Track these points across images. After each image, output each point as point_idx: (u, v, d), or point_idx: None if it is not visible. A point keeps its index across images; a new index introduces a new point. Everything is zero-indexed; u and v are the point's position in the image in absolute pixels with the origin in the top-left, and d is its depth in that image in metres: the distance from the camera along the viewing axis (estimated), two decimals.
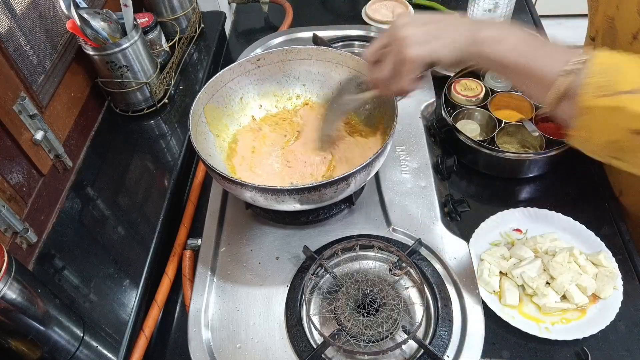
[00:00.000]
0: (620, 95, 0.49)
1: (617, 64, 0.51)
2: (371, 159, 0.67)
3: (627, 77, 0.49)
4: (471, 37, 0.57)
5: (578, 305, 0.73)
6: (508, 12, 1.22)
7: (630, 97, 0.48)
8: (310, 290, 0.69)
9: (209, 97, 0.80)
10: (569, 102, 0.52)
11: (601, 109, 0.50)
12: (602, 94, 0.49)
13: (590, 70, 0.50)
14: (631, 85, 0.49)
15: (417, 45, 0.58)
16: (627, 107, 0.48)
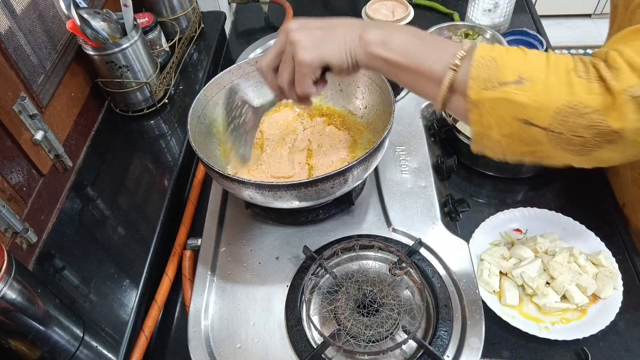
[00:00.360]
0: (505, 87, 0.49)
1: (497, 56, 0.50)
2: (368, 152, 0.67)
3: (508, 68, 0.49)
4: (357, 39, 0.57)
5: (578, 305, 0.73)
6: (508, 12, 1.22)
7: (513, 87, 0.48)
8: (310, 290, 0.69)
9: (208, 99, 0.80)
10: (459, 96, 0.52)
11: (489, 101, 0.50)
12: (487, 86, 0.49)
13: (474, 63, 0.50)
14: (513, 76, 0.49)
15: (307, 49, 0.57)
16: (511, 98, 0.48)
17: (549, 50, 1.18)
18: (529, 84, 0.48)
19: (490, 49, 0.52)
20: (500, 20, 1.23)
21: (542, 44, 1.18)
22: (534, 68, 0.49)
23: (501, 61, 0.50)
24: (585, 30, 2.99)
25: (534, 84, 0.48)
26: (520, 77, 0.49)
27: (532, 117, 0.49)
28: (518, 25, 1.26)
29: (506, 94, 0.49)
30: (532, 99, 0.48)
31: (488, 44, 0.53)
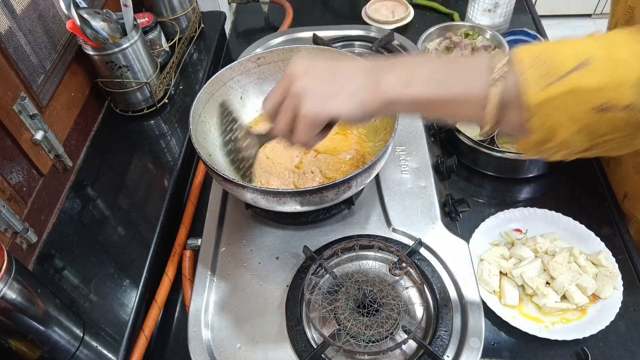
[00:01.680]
0: (569, 76, 0.42)
1: (541, 51, 0.44)
2: (373, 161, 0.67)
3: (564, 56, 0.43)
4: (374, 87, 0.50)
5: (578, 305, 0.73)
6: (508, 12, 1.22)
7: (578, 73, 0.42)
8: (310, 290, 0.69)
9: (209, 96, 0.80)
10: (512, 109, 0.45)
11: (554, 99, 0.43)
12: (548, 83, 0.43)
13: (520, 65, 0.44)
14: (573, 61, 0.42)
15: (312, 102, 0.51)
16: (581, 85, 0.42)
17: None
18: (597, 63, 0.42)
19: (530, 47, 0.45)
20: (500, 20, 1.22)
21: None
22: (592, 46, 0.43)
23: (549, 53, 0.44)
24: (585, 30, 2.99)
25: (601, 61, 0.42)
26: (582, 60, 0.42)
27: (609, 99, 0.42)
28: (518, 25, 1.26)
29: (573, 83, 0.42)
30: (605, 79, 0.42)
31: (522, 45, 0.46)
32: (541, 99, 0.43)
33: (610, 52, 0.42)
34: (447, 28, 1.23)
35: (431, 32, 1.22)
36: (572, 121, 0.43)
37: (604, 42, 0.43)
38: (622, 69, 0.42)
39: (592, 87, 0.42)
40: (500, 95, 0.45)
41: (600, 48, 0.43)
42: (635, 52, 0.42)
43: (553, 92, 0.42)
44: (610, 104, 0.42)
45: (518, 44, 1.22)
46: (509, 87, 0.44)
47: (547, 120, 0.44)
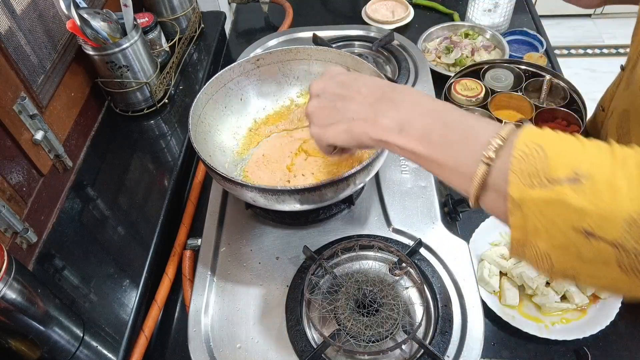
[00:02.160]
0: (556, 185, 0.37)
1: (546, 143, 0.39)
2: (371, 159, 0.67)
3: (561, 159, 0.38)
4: (371, 123, 0.49)
5: (578, 305, 0.73)
6: (508, 12, 1.22)
7: (568, 186, 0.37)
8: (310, 290, 0.69)
9: (209, 97, 0.80)
10: (496, 194, 0.41)
11: (535, 202, 0.38)
12: (534, 183, 0.38)
13: (515, 152, 0.39)
14: (567, 171, 0.37)
15: (315, 126, 0.55)
16: (566, 200, 0.36)
17: (549, 48, 1.18)
18: (589, 183, 0.36)
19: (538, 134, 0.40)
20: (500, 20, 1.23)
21: (542, 44, 1.18)
22: (595, 162, 0.37)
23: (551, 150, 0.38)
24: (585, 30, 2.99)
25: (595, 183, 0.36)
26: (576, 173, 0.37)
27: (594, 228, 0.36)
28: (518, 25, 1.27)
29: (559, 194, 0.37)
30: (594, 203, 0.36)
31: (535, 127, 0.40)
32: (522, 197, 0.38)
33: (613, 175, 0.36)
34: (447, 28, 1.23)
35: (431, 32, 1.22)
36: (553, 233, 0.38)
37: (614, 159, 0.37)
38: (617, 200, 0.36)
39: (577, 207, 0.36)
40: (484, 176, 0.41)
41: (604, 166, 0.37)
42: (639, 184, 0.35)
43: (535, 195, 0.38)
44: (595, 232, 0.36)
45: (518, 44, 1.22)
46: (497, 169, 0.41)
47: (526, 221, 0.39)
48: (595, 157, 0.38)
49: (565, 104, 0.99)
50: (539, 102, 1.01)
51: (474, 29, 1.22)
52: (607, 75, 2.65)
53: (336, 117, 0.53)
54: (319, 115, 0.55)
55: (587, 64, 2.77)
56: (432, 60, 1.17)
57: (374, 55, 1.07)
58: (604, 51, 2.85)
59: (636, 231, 0.35)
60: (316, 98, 0.56)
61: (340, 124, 0.52)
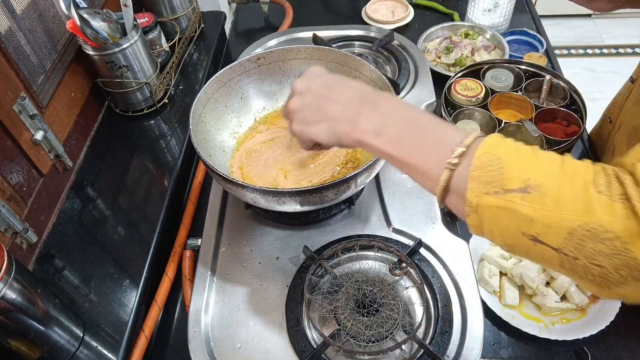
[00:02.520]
0: (508, 194, 0.41)
1: (503, 154, 0.43)
2: (372, 161, 0.67)
3: (514, 171, 0.42)
4: (351, 124, 0.53)
5: (578, 305, 0.73)
6: (508, 12, 1.22)
7: (518, 196, 0.41)
8: (310, 290, 0.69)
9: (209, 96, 0.80)
10: (457, 197, 0.46)
11: (490, 208, 0.42)
12: (489, 191, 0.42)
13: (474, 161, 0.43)
14: (518, 182, 0.41)
15: (297, 123, 0.58)
16: (516, 209, 0.41)
17: (550, 50, 1.18)
18: (537, 195, 0.40)
19: (497, 144, 0.44)
20: (500, 20, 1.23)
21: (542, 44, 1.18)
22: (545, 174, 0.41)
23: (507, 161, 0.42)
24: (585, 30, 2.99)
25: (543, 195, 0.40)
26: (526, 185, 0.41)
27: (540, 235, 0.41)
28: (518, 25, 1.27)
29: (510, 203, 0.41)
30: (541, 213, 0.40)
31: (497, 137, 0.45)
32: (478, 202, 0.43)
33: (560, 188, 0.40)
34: (447, 28, 1.23)
35: (431, 32, 1.22)
36: (505, 234, 0.43)
37: (563, 173, 0.41)
38: (561, 212, 0.39)
39: (526, 215, 0.40)
40: (446, 182, 0.46)
41: (552, 180, 0.41)
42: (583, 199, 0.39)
43: (489, 202, 0.42)
44: (541, 238, 0.41)
45: (518, 44, 1.22)
46: (457, 175, 0.45)
47: (482, 223, 0.44)
48: (546, 170, 0.42)
49: (565, 104, 0.99)
50: (539, 102, 1.01)
51: (474, 29, 1.22)
52: (607, 75, 2.65)
53: (319, 117, 0.55)
54: (302, 113, 0.57)
55: (587, 64, 2.77)
56: (432, 60, 1.17)
57: (374, 55, 1.07)
58: (604, 51, 2.85)
59: (576, 241, 0.39)
60: (299, 96, 0.58)
61: (323, 123, 0.55)
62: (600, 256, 0.38)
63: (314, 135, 0.56)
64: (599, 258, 0.39)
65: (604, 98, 0.98)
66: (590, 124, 0.98)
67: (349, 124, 0.53)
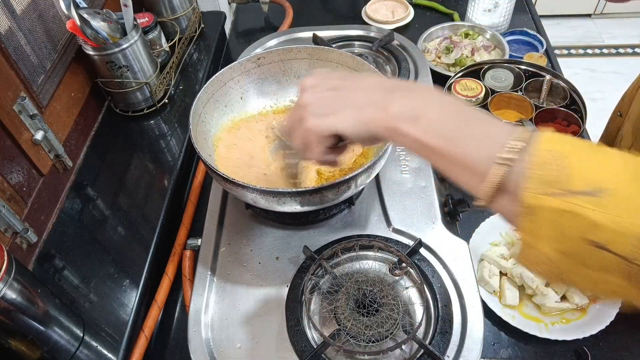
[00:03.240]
0: (573, 197, 0.37)
1: (566, 151, 0.38)
2: (373, 161, 0.67)
3: (580, 170, 0.37)
4: (381, 110, 0.46)
5: (578, 305, 0.73)
6: (508, 12, 1.22)
7: (585, 199, 0.36)
8: (310, 290, 0.69)
9: (209, 96, 0.80)
10: (509, 197, 0.41)
11: (549, 211, 0.38)
12: (551, 192, 0.37)
13: (533, 158, 0.38)
14: (585, 183, 0.37)
15: (315, 115, 0.49)
16: (581, 213, 0.36)
17: (549, 49, 1.18)
18: (608, 198, 0.36)
19: (560, 140, 0.39)
20: (500, 20, 1.23)
21: (542, 44, 1.18)
22: (613, 175, 0.37)
23: (572, 159, 0.38)
24: (585, 30, 2.99)
25: (614, 198, 0.36)
26: (597, 188, 0.36)
27: (606, 241, 0.36)
28: (518, 25, 1.27)
29: (574, 206, 0.36)
30: (610, 218, 0.36)
31: (556, 134, 0.40)
32: (536, 204, 0.38)
33: (632, 190, 0.36)
34: (447, 28, 1.23)
35: (431, 32, 1.22)
36: (561, 240, 0.38)
37: (633, 173, 0.37)
38: (633, 216, 0.36)
39: (592, 220, 0.36)
40: (501, 178, 0.40)
41: (623, 179, 0.37)
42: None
43: (549, 203, 0.37)
44: (606, 245, 0.36)
45: (518, 44, 1.22)
46: (513, 173, 0.40)
47: (536, 226, 0.39)
48: (616, 171, 0.37)
49: (565, 104, 0.99)
50: (539, 102, 1.01)
51: (474, 29, 1.22)
52: (607, 75, 2.65)
53: (342, 104, 0.48)
54: (318, 104, 0.49)
55: (587, 64, 2.77)
56: (432, 60, 1.17)
57: (374, 55, 1.07)
58: (604, 51, 2.85)
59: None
60: (310, 89, 0.50)
61: (347, 110, 0.48)
62: None
63: (337, 124, 0.48)
64: None
65: (604, 98, 0.99)
66: (590, 124, 0.97)
67: (378, 109, 0.46)
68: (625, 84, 0.96)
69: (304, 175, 0.77)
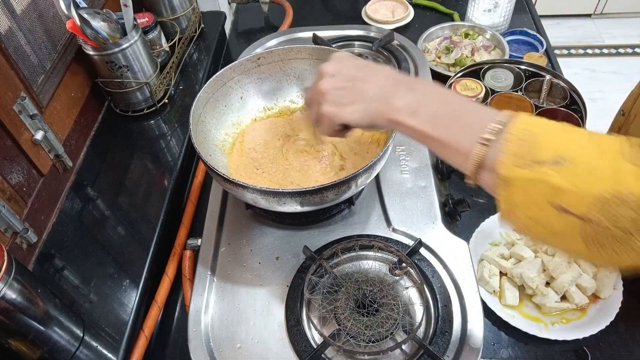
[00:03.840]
0: (539, 166, 0.43)
1: (537, 129, 0.45)
2: (372, 162, 0.67)
3: (548, 145, 0.44)
4: (385, 104, 0.53)
5: (578, 305, 0.73)
6: (508, 12, 1.22)
7: (550, 167, 0.43)
8: (310, 290, 0.69)
9: (209, 96, 0.80)
10: (488, 172, 0.47)
11: (520, 180, 0.44)
12: (522, 164, 0.44)
13: (508, 136, 0.45)
14: (551, 154, 0.43)
15: (330, 104, 0.57)
16: (547, 179, 0.43)
17: (551, 50, 1.18)
18: (570, 166, 0.42)
19: (531, 120, 0.46)
20: (500, 20, 1.23)
21: (542, 44, 1.18)
22: (577, 147, 0.43)
23: (541, 135, 0.44)
24: (585, 30, 2.99)
25: (576, 165, 0.42)
26: (559, 157, 0.43)
27: (568, 204, 0.42)
28: (518, 25, 1.27)
29: (541, 174, 0.43)
30: (572, 182, 0.42)
31: (529, 115, 0.47)
32: (509, 175, 0.45)
33: (591, 160, 0.42)
34: (447, 28, 1.23)
35: (431, 32, 1.22)
36: (530, 206, 0.45)
37: (594, 146, 0.43)
38: (592, 180, 0.42)
39: (556, 185, 0.42)
40: (480, 157, 0.47)
41: (584, 152, 0.43)
42: (613, 168, 0.41)
43: (520, 174, 0.44)
44: (568, 207, 0.42)
45: (518, 44, 1.22)
46: (491, 150, 0.46)
47: (511, 195, 0.45)
48: (577, 142, 0.44)
49: (565, 104, 0.99)
50: (539, 102, 1.01)
51: (474, 29, 1.22)
52: (607, 75, 2.65)
53: (354, 97, 0.55)
54: (334, 94, 0.57)
55: (587, 64, 2.77)
56: (432, 60, 1.17)
57: (374, 55, 1.07)
58: (604, 51, 2.85)
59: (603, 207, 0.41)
60: (331, 77, 0.57)
61: (358, 103, 0.55)
62: (625, 220, 0.40)
63: (347, 116, 0.56)
64: (622, 222, 0.40)
65: (604, 98, 0.98)
66: (590, 123, 0.97)
67: (383, 103, 0.53)
68: (625, 84, 0.96)
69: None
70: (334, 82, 0.57)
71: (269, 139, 0.85)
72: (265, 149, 0.83)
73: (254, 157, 0.82)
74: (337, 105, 0.56)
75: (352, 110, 0.56)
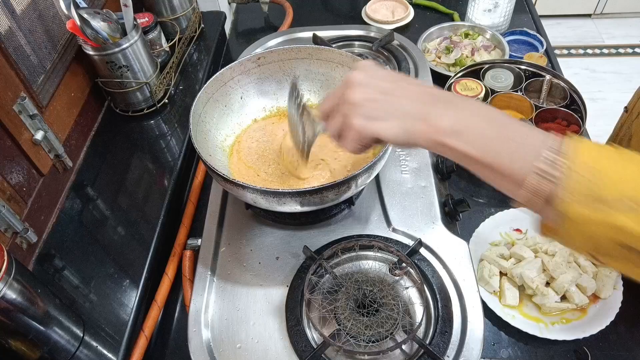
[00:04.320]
0: (603, 205, 0.40)
1: (601, 166, 0.42)
2: (373, 162, 0.67)
3: (614, 185, 0.41)
4: (425, 121, 0.48)
5: (578, 305, 0.73)
6: (508, 12, 1.22)
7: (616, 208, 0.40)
8: (310, 290, 0.69)
9: (209, 96, 0.80)
10: (544, 201, 0.44)
11: (582, 218, 0.41)
12: (585, 202, 0.41)
13: (569, 172, 0.42)
14: (617, 194, 0.40)
15: (363, 117, 0.51)
16: (611, 221, 0.40)
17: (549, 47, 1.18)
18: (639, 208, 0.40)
19: (597, 154, 0.42)
20: (500, 20, 1.23)
21: (542, 44, 1.18)
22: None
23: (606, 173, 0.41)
24: (585, 30, 2.99)
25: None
26: (627, 197, 0.40)
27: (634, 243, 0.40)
28: (518, 25, 1.27)
29: (606, 215, 0.40)
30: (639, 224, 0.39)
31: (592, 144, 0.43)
32: (569, 211, 0.42)
33: None
34: (447, 28, 1.23)
35: (431, 32, 1.22)
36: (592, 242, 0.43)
37: None
38: None
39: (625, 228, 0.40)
40: (536, 187, 0.44)
41: None
42: None
43: (582, 212, 0.41)
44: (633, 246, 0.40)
45: (518, 44, 1.22)
46: (549, 185, 0.43)
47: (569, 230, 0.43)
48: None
49: (565, 104, 0.99)
50: (539, 102, 1.01)
51: (474, 29, 1.22)
52: (607, 75, 2.65)
53: (387, 112, 0.50)
54: (367, 107, 0.51)
55: (587, 64, 2.77)
56: (432, 60, 1.17)
57: (374, 55, 1.07)
58: (604, 51, 2.85)
59: None
60: (360, 87, 0.52)
61: (393, 119, 0.50)
62: None
63: (383, 132, 0.50)
64: None
65: (604, 98, 0.98)
66: (590, 123, 0.98)
67: (423, 122, 0.48)
68: (625, 84, 0.96)
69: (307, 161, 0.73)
70: (366, 93, 0.51)
71: (269, 138, 0.85)
72: (265, 149, 0.83)
73: (254, 157, 0.82)
74: (369, 118, 0.51)
75: (389, 126, 0.50)
